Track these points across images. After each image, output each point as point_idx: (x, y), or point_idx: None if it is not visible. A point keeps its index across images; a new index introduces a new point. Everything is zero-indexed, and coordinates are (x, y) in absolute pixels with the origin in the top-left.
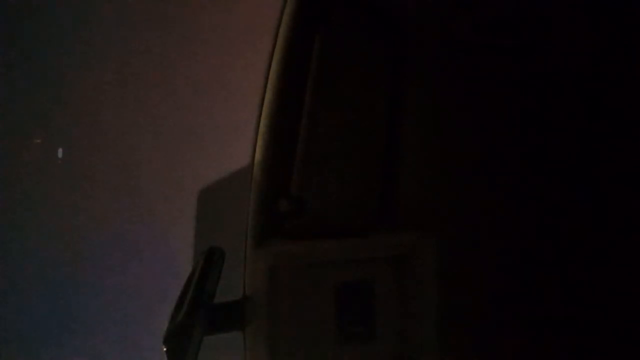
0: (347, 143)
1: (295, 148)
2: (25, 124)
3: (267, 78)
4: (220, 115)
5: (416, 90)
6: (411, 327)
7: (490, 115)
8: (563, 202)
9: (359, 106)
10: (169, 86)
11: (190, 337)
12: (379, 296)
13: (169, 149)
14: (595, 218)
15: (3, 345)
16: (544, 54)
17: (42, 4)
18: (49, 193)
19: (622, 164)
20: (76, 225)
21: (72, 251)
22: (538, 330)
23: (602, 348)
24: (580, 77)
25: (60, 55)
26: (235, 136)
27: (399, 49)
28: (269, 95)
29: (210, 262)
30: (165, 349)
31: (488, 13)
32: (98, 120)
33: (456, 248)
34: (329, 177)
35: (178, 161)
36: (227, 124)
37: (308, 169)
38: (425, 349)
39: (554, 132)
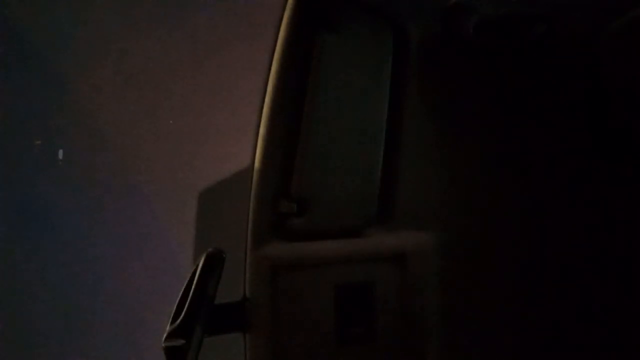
0: (347, 143)
1: (295, 148)
2: (26, 125)
3: (267, 78)
4: (220, 116)
5: (416, 90)
6: (411, 327)
7: (490, 116)
8: (562, 202)
9: (358, 106)
10: (169, 86)
11: (190, 337)
12: (378, 296)
13: (169, 149)
14: (595, 219)
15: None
16: (544, 54)
17: (42, 4)
18: (49, 193)
19: (624, 165)
20: (76, 225)
21: (72, 251)
22: (537, 329)
23: (601, 347)
24: (581, 76)
25: (60, 55)
26: (235, 136)
27: (398, 49)
28: (269, 96)
29: (210, 263)
30: (165, 349)
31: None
32: (98, 121)
33: (456, 248)
34: (328, 177)
35: (178, 161)
36: (227, 125)
37: (308, 169)
38: (425, 348)
39: (555, 133)
